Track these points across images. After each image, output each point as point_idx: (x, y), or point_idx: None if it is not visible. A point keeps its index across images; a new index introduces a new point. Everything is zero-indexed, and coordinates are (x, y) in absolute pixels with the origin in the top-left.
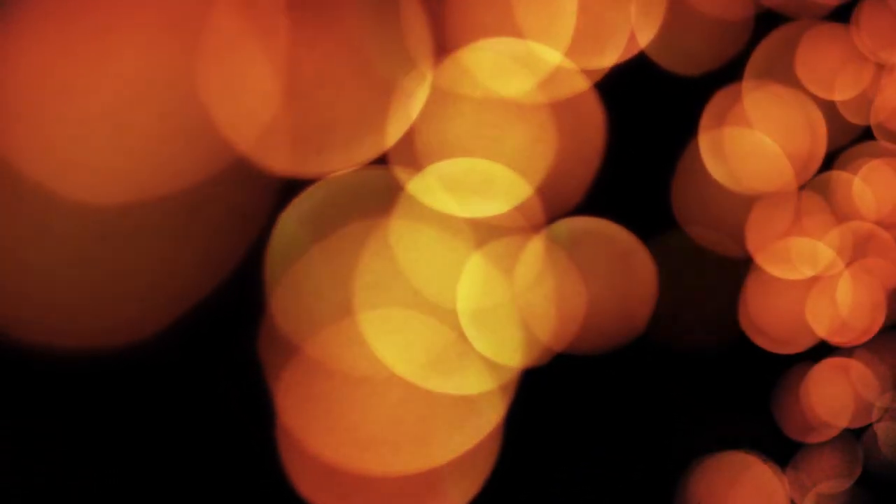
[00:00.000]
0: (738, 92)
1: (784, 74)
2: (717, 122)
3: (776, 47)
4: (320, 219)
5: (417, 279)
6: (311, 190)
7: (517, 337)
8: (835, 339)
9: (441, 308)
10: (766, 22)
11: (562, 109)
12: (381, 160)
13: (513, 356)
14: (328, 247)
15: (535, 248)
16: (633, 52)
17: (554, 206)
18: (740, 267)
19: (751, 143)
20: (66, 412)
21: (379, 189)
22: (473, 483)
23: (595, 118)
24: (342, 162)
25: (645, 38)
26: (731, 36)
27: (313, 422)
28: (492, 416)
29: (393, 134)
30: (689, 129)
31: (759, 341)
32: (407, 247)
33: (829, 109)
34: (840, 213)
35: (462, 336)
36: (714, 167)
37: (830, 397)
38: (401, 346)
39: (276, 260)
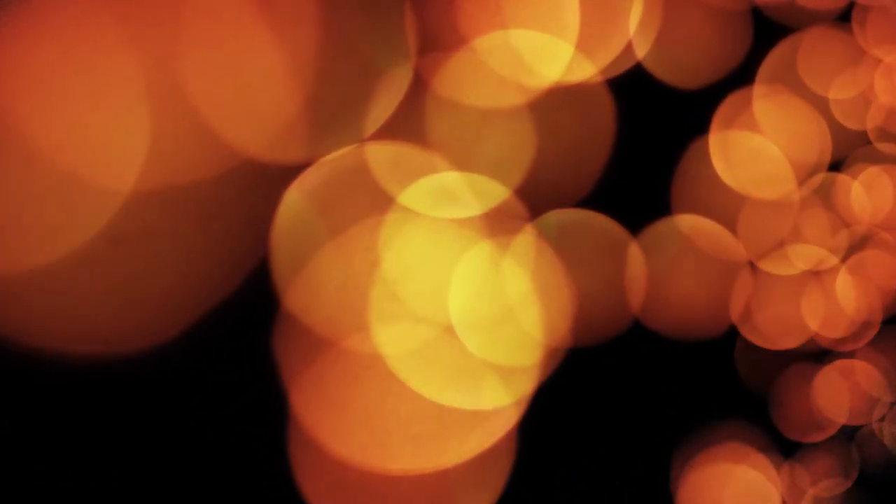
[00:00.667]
0: (747, 96)
1: (793, 81)
2: (726, 124)
3: (787, 54)
4: (323, 202)
5: (418, 286)
6: (312, 170)
7: (516, 337)
8: (831, 338)
9: (451, 318)
10: (767, 33)
11: (564, 106)
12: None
13: (511, 357)
14: (333, 240)
15: (525, 243)
16: (630, 63)
17: (554, 200)
18: (736, 265)
19: (756, 147)
20: (77, 418)
21: (380, 166)
22: (489, 489)
23: (598, 115)
24: (327, 148)
25: (642, 49)
26: (728, 49)
27: (327, 420)
28: (505, 424)
29: (376, 120)
30: (689, 131)
31: (752, 337)
32: (405, 256)
33: (836, 116)
34: (838, 216)
35: (477, 349)
36: (720, 167)
37: (828, 397)
38: (416, 360)
39: (282, 246)
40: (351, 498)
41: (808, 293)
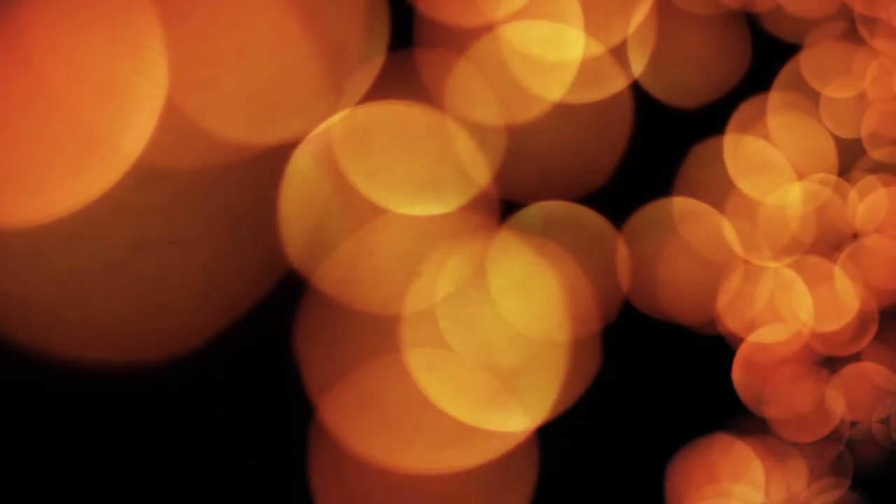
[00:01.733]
0: (757, 105)
1: (800, 90)
2: (733, 129)
3: (796, 65)
4: (328, 165)
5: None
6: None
7: (507, 335)
8: (828, 340)
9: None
10: (767, 48)
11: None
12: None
13: (526, 366)
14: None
15: (511, 238)
16: (627, 81)
17: (536, 194)
18: (727, 253)
19: (761, 151)
20: (99, 425)
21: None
22: (512, 491)
23: (592, 117)
24: (299, 129)
25: (638, 67)
26: (726, 68)
27: (350, 421)
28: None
29: (349, 100)
30: (686, 138)
31: (741, 332)
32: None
33: (839, 123)
34: (839, 220)
35: (501, 372)
36: (722, 168)
37: (828, 397)
38: (441, 379)
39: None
40: (369, 500)
41: (802, 292)
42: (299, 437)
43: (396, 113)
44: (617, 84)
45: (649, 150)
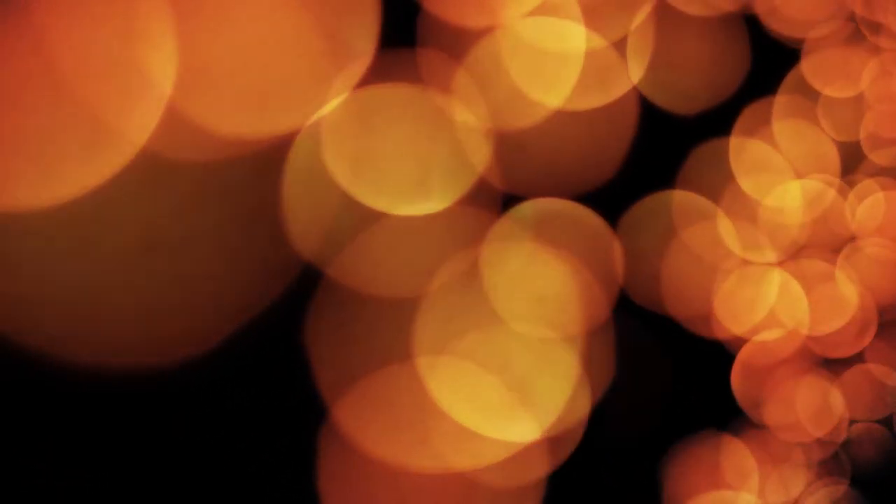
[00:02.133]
0: (760, 108)
1: (802, 93)
2: (736, 131)
3: (799, 69)
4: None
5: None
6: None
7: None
8: (827, 341)
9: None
10: (767, 50)
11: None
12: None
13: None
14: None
15: (504, 235)
16: (626, 88)
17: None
18: (724, 252)
19: (762, 154)
20: (100, 424)
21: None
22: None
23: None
24: (287, 123)
25: (637, 74)
26: (726, 75)
27: (361, 420)
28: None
29: (339, 92)
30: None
31: (734, 329)
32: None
33: (841, 126)
34: (839, 224)
35: (514, 382)
36: (723, 170)
37: (825, 399)
38: (453, 388)
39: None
40: (378, 500)
41: (800, 294)
42: (310, 437)
43: (395, 104)
44: (618, 88)
45: (649, 153)
